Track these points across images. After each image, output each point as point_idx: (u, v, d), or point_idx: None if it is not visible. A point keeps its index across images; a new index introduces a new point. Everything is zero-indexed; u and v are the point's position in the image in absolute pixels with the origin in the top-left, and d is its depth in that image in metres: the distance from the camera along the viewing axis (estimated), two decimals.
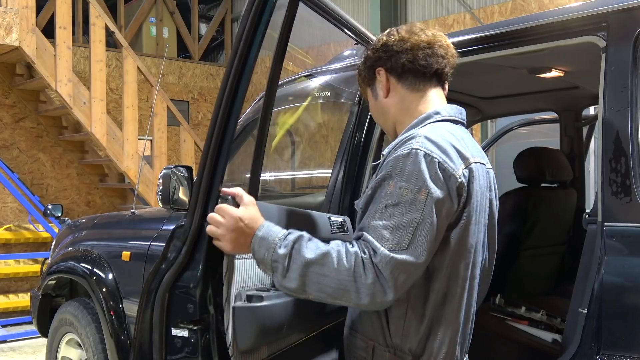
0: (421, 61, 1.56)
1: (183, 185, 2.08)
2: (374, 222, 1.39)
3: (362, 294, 1.35)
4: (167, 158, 6.80)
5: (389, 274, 1.34)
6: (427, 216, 1.37)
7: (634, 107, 1.72)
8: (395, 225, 1.37)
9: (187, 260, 1.86)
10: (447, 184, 1.40)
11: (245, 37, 1.74)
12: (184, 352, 1.88)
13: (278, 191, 3.99)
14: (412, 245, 1.36)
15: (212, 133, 1.78)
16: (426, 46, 1.57)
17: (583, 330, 1.70)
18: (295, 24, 1.90)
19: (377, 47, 1.63)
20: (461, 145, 1.48)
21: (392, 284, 1.34)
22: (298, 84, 2.91)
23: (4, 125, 7.14)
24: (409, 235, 1.36)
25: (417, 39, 1.57)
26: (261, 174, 1.99)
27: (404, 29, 1.61)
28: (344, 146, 2.57)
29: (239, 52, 1.75)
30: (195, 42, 9.71)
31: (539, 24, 1.98)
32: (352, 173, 2.53)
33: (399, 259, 1.34)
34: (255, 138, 1.90)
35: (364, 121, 2.52)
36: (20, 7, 5.94)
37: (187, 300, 1.87)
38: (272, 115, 2.10)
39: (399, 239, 1.36)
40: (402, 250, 1.35)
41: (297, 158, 3.30)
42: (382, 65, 1.61)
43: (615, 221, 1.70)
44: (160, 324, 1.92)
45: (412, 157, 1.40)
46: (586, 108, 3.53)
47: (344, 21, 2.10)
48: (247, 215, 1.51)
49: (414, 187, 1.38)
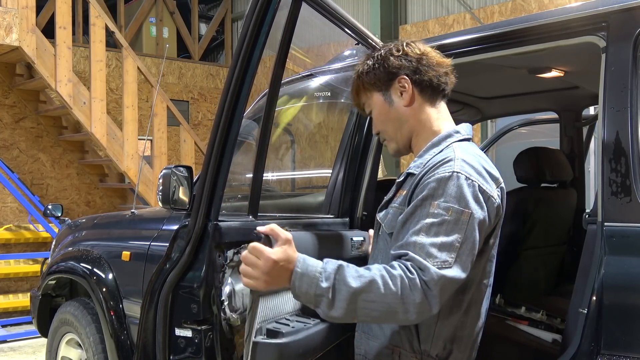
0: (442, 78, 1.66)
1: (183, 185, 2.08)
2: (420, 240, 1.43)
3: (411, 313, 1.38)
4: (167, 158, 6.79)
5: (438, 291, 1.38)
6: (469, 235, 1.44)
7: (634, 107, 1.72)
8: (442, 244, 1.42)
9: (191, 260, 1.86)
10: (486, 205, 1.50)
11: (249, 38, 1.74)
12: (187, 352, 1.88)
13: (278, 191, 3.98)
14: (457, 262, 1.42)
15: (216, 133, 1.78)
16: (444, 66, 1.66)
17: (583, 330, 1.70)
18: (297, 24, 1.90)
19: (396, 54, 1.66)
20: (489, 165, 1.58)
21: (439, 300, 1.39)
22: (298, 84, 2.91)
23: (4, 125, 7.14)
24: (455, 253, 1.42)
25: (439, 59, 1.66)
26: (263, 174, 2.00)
27: (420, 43, 1.68)
28: (344, 146, 2.56)
29: (242, 53, 1.75)
30: (195, 42, 9.71)
31: (539, 24, 1.98)
32: (352, 173, 2.52)
33: (448, 276, 1.40)
34: (257, 140, 1.91)
35: (364, 121, 2.52)
36: (20, 7, 5.94)
37: (190, 301, 1.87)
38: (277, 115, 2.10)
39: (446, 257, 1.41)
40: (449, 267, 1.40)
41: (297, 158, 3.29)
42: (407, 74, 1.64)
43: (615, 221, 1.70)
44: (163, 324, 1.92)
45: (454, 179, 1.47)
46: (586, 108, 3.53)
47: (345, 21, 2.10)
48: (285, 257, 1.44)
49: (458, 209, 1.45)
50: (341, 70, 2.66)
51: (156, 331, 1.94)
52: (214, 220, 1.84)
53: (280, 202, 3.15)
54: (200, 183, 1.81)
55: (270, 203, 2.88)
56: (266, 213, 2.15)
